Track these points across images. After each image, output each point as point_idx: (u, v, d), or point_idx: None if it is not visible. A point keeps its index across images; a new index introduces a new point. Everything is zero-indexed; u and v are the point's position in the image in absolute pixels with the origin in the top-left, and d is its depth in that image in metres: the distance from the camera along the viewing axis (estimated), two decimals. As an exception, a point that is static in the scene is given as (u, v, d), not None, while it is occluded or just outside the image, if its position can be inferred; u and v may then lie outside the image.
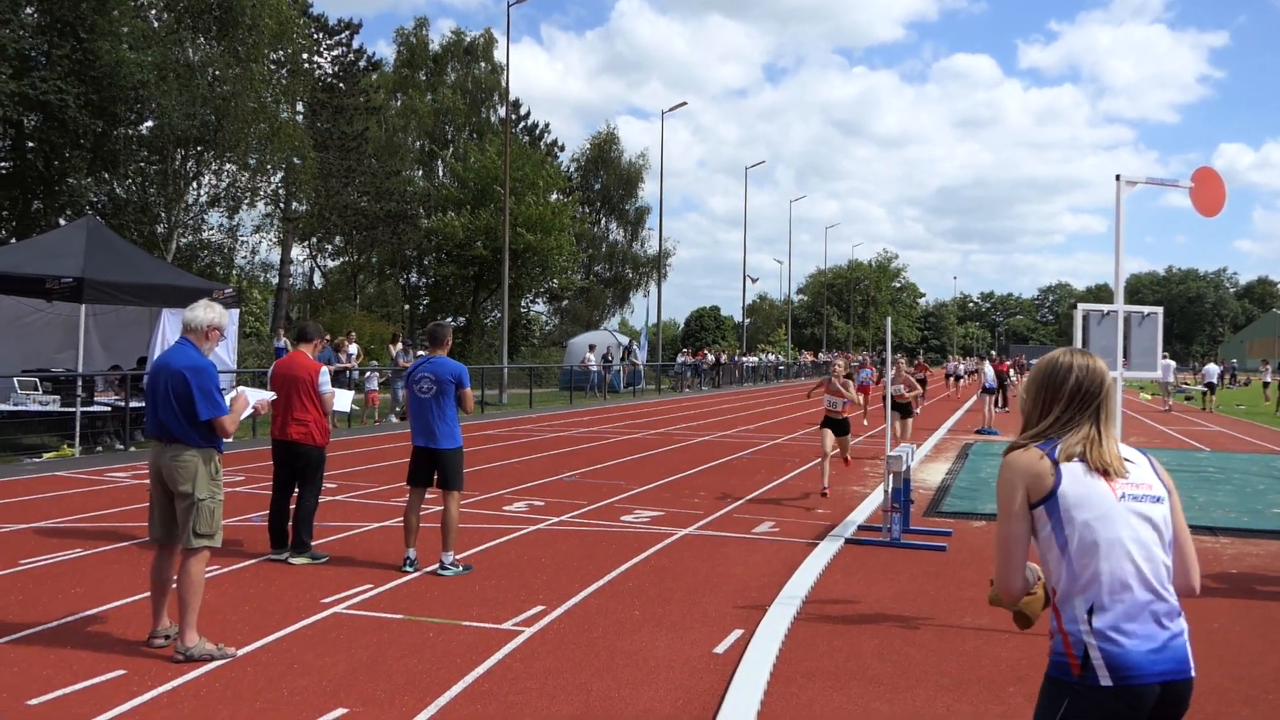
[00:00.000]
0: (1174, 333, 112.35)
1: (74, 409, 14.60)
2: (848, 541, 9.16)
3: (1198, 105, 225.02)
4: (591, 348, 36.01)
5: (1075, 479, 2.56)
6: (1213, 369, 36.51)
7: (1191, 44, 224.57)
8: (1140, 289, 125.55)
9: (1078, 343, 6.11)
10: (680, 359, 45.74)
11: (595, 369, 34.62)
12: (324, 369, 8.15)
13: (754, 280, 68.33)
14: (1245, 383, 61.15)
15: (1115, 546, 2.51)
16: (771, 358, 60.43)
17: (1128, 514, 2.54)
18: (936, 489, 12.85)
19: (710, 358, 47.15)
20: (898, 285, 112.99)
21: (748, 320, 76.91)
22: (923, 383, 27.74)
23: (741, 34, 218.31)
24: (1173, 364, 36.59)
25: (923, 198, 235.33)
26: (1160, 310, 6.35)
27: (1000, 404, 29.84)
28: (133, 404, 15.05)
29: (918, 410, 24.64)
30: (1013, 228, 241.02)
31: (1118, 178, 5.88)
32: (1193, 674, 2.53)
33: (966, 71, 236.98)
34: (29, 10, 25.64)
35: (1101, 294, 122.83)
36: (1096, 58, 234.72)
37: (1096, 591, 2.50)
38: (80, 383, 15.07)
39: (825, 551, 8.64)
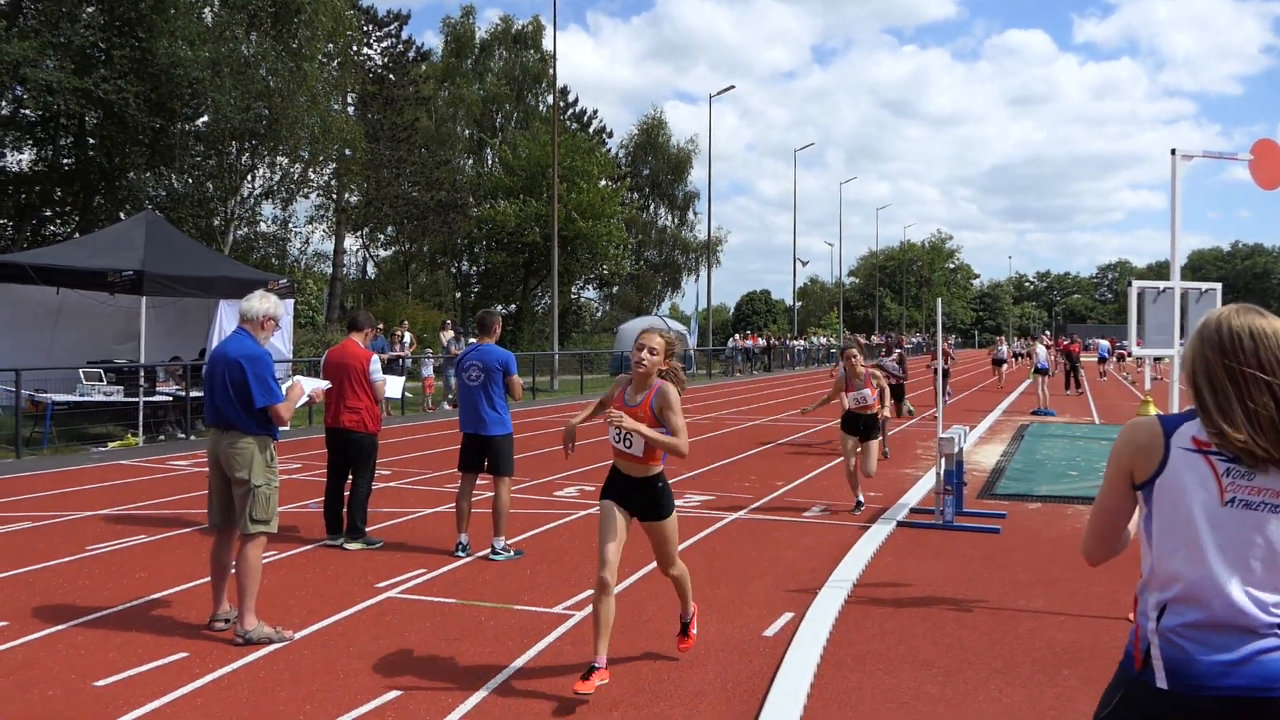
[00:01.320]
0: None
1: (137, 399, 14.96)
2: (899, 524, 9.10)
3: (1261, 76, 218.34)
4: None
5: (1181, 469, 2.26)
6: None
7: (1255, 13, 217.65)
8: (1204, 265, 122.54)
9: (1132, 322, 5.99)
10: (731, 343, 45.61)
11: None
12: (375, 357, 8.25)
13: (804, 263, 67.98)
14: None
15: (1204, 555, 2.22)
16: (823, 340, 60.00)
17: (1229, 521, 2.21)
18: (991, 471, 12.70)
19: (761, 342, 46.96)
20: (951, 266, 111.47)
21: (798, 304, 76.45)
22: (945, 375, 21.50)
23: (789, 15, 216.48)
24: None
25: (976, 177, 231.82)
26: (1219, 286, 6.19)
27: (1074, 386, 29.25)
28: (193, 394, 15.38)
29: (933, 402, 23.74)
30: (1069, 206, 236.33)
31: (1173, 152, 5.73)
32: None
33: (1020, 47, 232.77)
34: (90, 10, 26.23)
35: (1163, 271, 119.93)
36: (1155, 30, 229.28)
37: (1172, 593, 2.26)
38: (142, 373, 15.43)
39: (877, 534, 8.59)
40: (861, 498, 9.88)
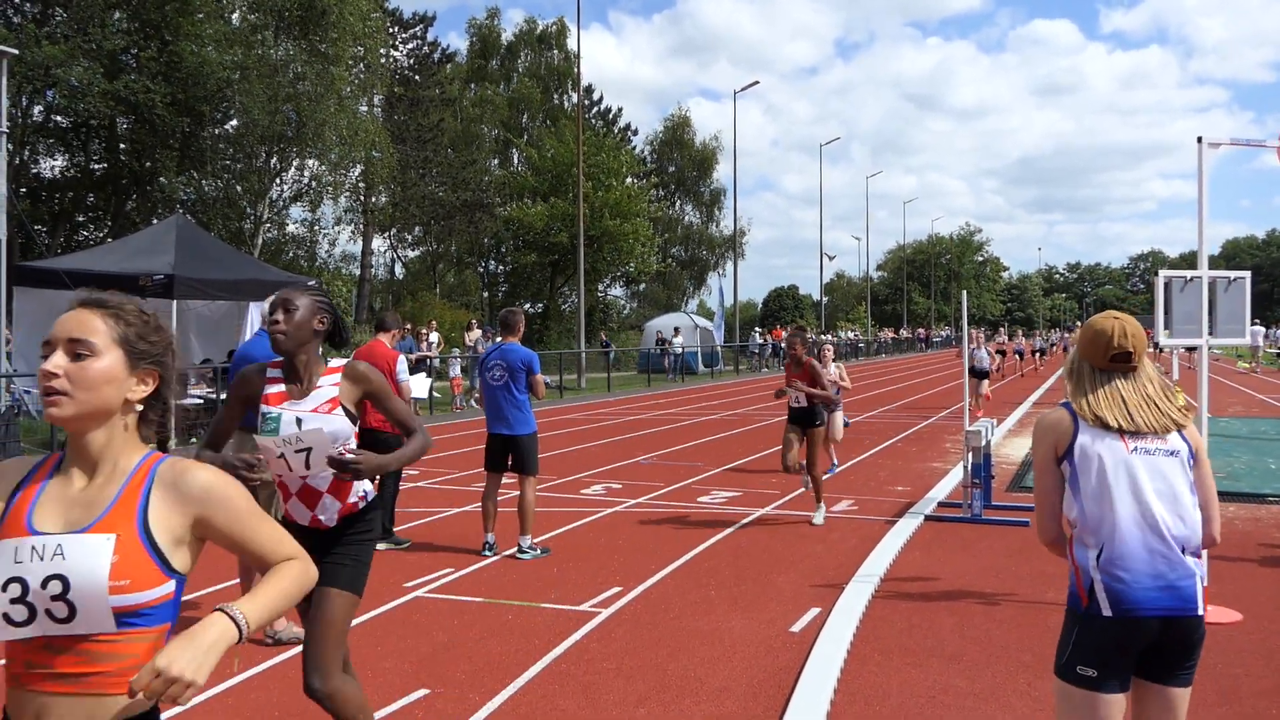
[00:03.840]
0: (1275, 298, 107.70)
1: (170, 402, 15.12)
2: (927, 518, 9.05)
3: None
4: (676, 330, 36.23)
5: (1089, 433, 2.82)
6: None
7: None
8: (1238, 254, 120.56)
9: (1159, 312, 5.93)
10: (757, 339, 45.46)
11: (676, 351, 34.77)
12: (402, 357, 8.30)
13: (831, 258, 67.81)
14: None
15: (1123, 495, 2.75)
16: (853, 334, 59.68)
17: (1138, 465, 2.77)
18: (1020, 464, 12.59)
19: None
20: (980, 259, 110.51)
21: (826, 299, 76.10)
22: (811, 414, 8.84)
23: (811, 10, 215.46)
24: (1261, 330, 37.42)
25: (1002, 169, 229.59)
26: (1248, 275, 6.11)
27: None
28: (224, 396, 15.53)
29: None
30: (1098, 196, 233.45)
31: (1199, 140, 5.67)
32: (1199, 613, 2.74)
33: (1046, 38, 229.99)
34: (116, 15, 26.57)
35: (1194, 260, 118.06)
36: (1184, 17, 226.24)
37: (1103, 533, 2.76)
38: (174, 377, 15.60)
39: (904, 529, 8.54)
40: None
